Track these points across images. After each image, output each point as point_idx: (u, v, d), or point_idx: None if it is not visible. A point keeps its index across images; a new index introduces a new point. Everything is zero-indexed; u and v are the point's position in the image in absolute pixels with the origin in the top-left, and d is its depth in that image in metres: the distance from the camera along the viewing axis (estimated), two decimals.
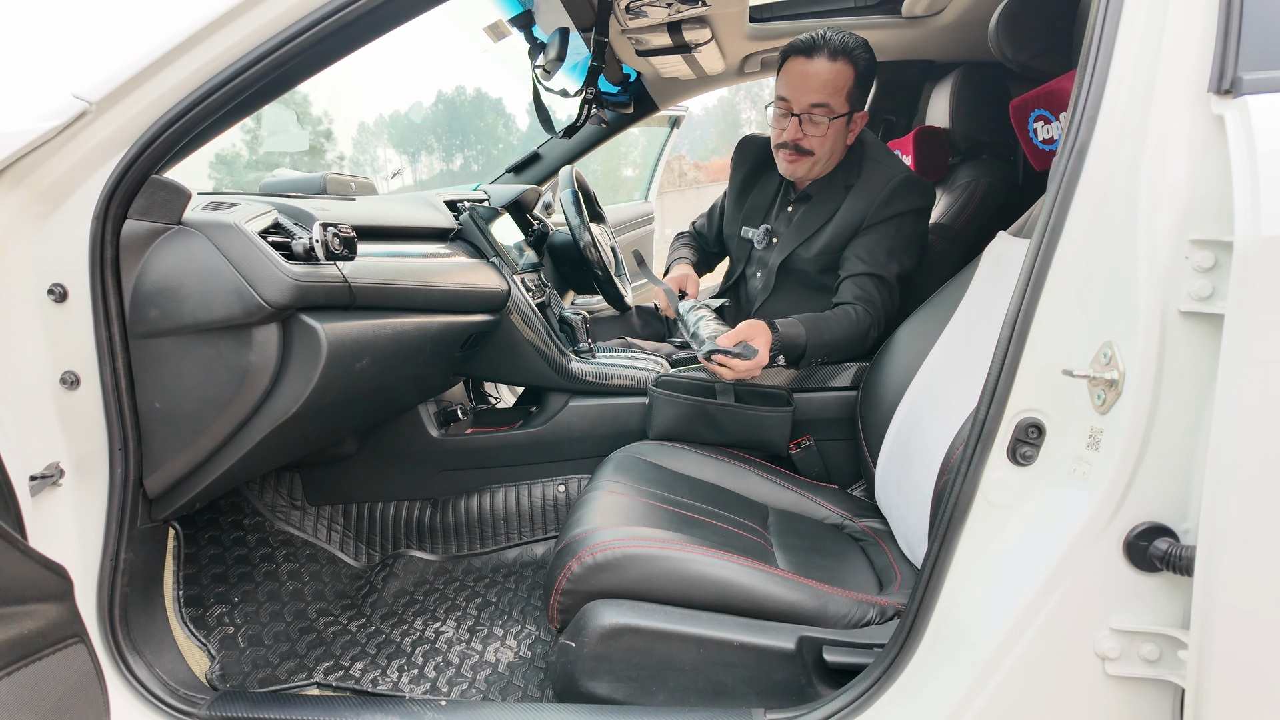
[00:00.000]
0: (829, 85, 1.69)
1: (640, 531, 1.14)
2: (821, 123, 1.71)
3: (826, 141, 1.75)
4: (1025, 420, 0.87)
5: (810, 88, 1.70)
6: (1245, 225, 0.70)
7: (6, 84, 1.00)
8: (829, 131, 1.73)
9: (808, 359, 1.65)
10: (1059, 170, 0.85)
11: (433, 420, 1.75)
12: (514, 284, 1.70)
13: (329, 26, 0.98)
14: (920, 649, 0.92)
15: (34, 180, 0.97)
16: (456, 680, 1.32)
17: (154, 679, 1.06)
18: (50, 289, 0.99)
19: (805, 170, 1.80)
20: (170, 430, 1.08)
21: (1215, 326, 0.75)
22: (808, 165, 1.78)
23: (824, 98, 1.70)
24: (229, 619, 1.38)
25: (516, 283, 1.71)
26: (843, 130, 1.76)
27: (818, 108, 1.71)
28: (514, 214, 2.17)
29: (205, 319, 1.05)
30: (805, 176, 1.82)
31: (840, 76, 1.69)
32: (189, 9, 0.96)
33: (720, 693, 1.02)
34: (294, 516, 1.70)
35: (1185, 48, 0.80)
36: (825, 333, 1.67)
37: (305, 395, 1.12)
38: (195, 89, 0.98)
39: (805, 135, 1.74)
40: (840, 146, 1.78)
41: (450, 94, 33.96)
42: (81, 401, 1.02)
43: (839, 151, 1.79)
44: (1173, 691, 0.83)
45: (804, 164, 1.78)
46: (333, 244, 1.12)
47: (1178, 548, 0.77)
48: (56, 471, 1.01)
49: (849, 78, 1.70)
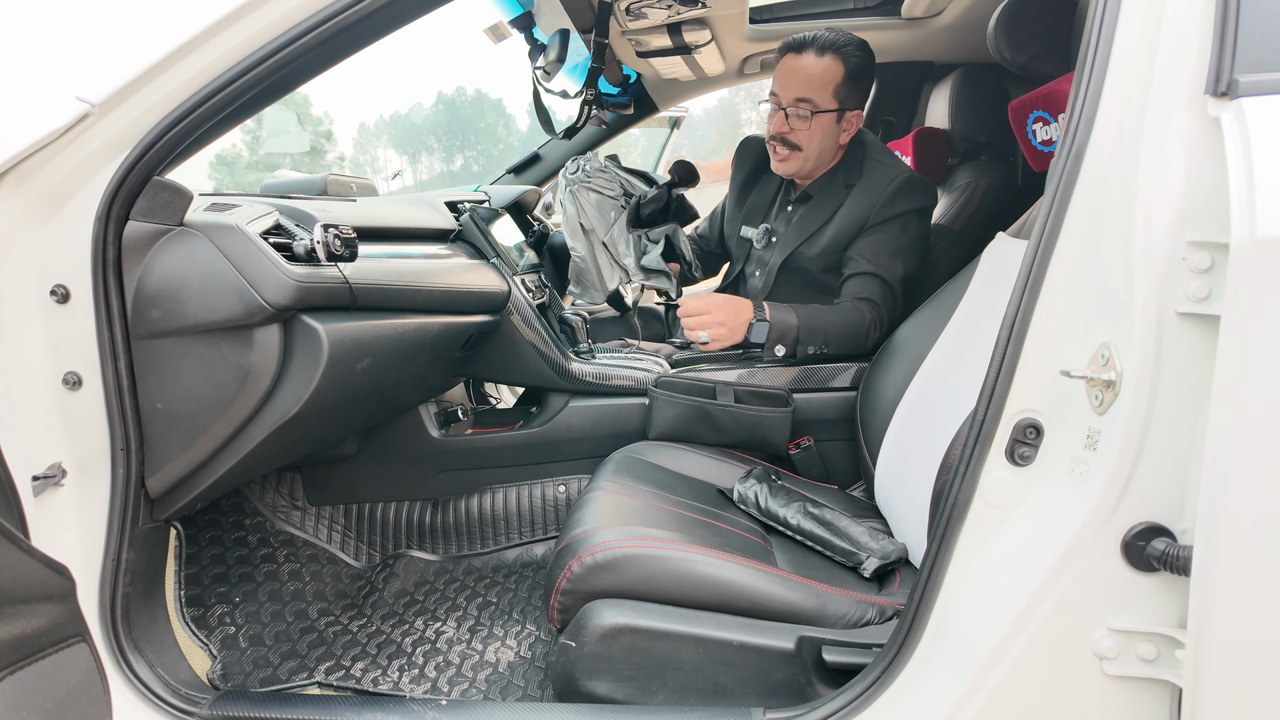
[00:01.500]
0: (813, 80, 1.72)
1: (640, 531, 1.15)
2: (806, 117, 1.73)
3: (814, 137, 1.76)
4: (1023, 421, 0.87)
5: (795, 82, 1.73)
6: (1241, 227, 0.71)
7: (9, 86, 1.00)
8: (814, 127, 1.75)
9: (802, 342, 1.67)
10: (1056, 172, 0.86)
11: (433, 420, 1.76)
12: (514, 285, 1.71)
13: (329, 30, 0.99)
14: (919, 649, 0.92)
15: (37, 182, 0.97)
16: (457, 680, 1.33)
17: (156, 678, 1.07)
18: (53, 290, 1.00)
19: (795, 167, 1.81)
20: (172, 430, 1.08)
21: (1212, 327, 0.75)
22: (797, 162, 1.80)
23: (808, 92, 1.72)
24: (230, 619, 1.38)
25: (517, 283, 1.72)
26: (831, 128, 1.77)
27: (802, 102, 1.73)
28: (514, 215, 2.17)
29: (207, 320, 1.05)
30: (797, 173, 1.83)
31: (827, 72, 1.71)
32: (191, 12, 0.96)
33: (720, 692, 1.03)
34: (295, 516, 1.70)
35: (1182, 50, 0.80)
36: (819, 318, 1.69)
37: (306, 396, 1.12)
38: (197, 91, 0.99)
39: (792, 129, 1.76)
40: (831, 145, 1.79)
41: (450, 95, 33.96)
42: (84, 402, 1.02)
43: (831, 150, 1.80)
44: (1170, 691, 0.83)
45: (793, 160, 1.80)
46: (334, 245, 1.12)
47: (1175, 548, 0.78)
48: (59, 471, 1.01)
49: (837, 74, 1.71)
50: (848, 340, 1.70)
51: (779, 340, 1.69)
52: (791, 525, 1.33)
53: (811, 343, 1.69)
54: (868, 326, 1.69)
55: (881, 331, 1.70)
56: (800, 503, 1.37)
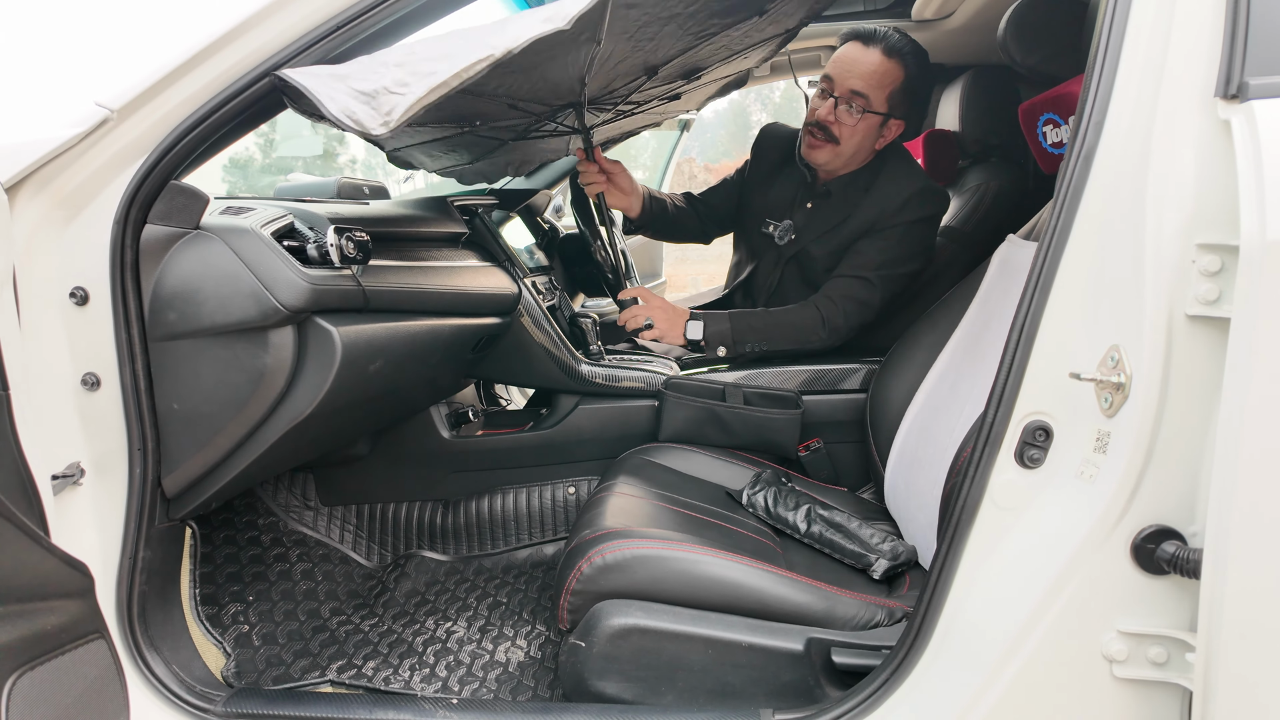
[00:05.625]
0: (874, 77, 1.70)
1: (650, 533, 1.15)
2: (856, 112, 1.71)
3: (855, 135, 1.74)
4: (1033, 423, 0.87)
5: (856, 74, 1.71)
6: (1250, 229, 0.71)
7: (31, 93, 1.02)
8: (860, 125, 1.73)
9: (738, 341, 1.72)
10: (1066, 174, 0.86)
11: (444, 422, 1.77)
12: (524, 287, 1.72)
13: (342, 37, 1.00)
14: (928, 651, 0.93)
15: (57, 187, 0.99)
16: (467, 679, 1.34)
17: (171, 675, 1.08)
18: (72, 292, 1.01)
19: (826, 159, 1.78)
20: (188, 431, 1.10)
21: (1222, 330, 0.75)
22: (829, 154, 1.77)
23: (866, 89, 1.70)
24: (244, 617, 1.39)
25: (527, 285, 1.73)
26: (874, 130, 1.75)
27: (857, 96, 1.71)
28: (524, 217, 2.18)
29: (222, 322, 1.06)
30: (823, 165, 1.81)
31: (889, 74, 1.70)
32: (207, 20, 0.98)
33: (729, 693, 1.03)
34: (307, 517, 1.72)
35: (1192, 52, 0.80)
36: (757, 319, 1.73)
37: (320, 397, 1.13)
38: (213, 97, 1.01)
39: (837, 120, 1.74)
40: (867, 147, 1.78)
41: None
42: (102, 402, 1.04)
43: (865, 152, 1.79)
44: (1180, 694, 0.83)
45: (825, 151, 1.77)
46: (347, 248, 1.13)
47: (1185, 550, 0.78)
48: (77, 471, 1.03)
49: (896, 78, 1.70)
50: (790, 337, 1.73)
51: (719, 342, 1.73)
52: (800, 531, 1.33)
53: (749, 340, 1.73)
54: (814, 324, 1.71)
55: (832, 332, 1.72)
56: (809, 505, 1.37)
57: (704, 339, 1.73)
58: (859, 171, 1.81)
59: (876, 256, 1.74)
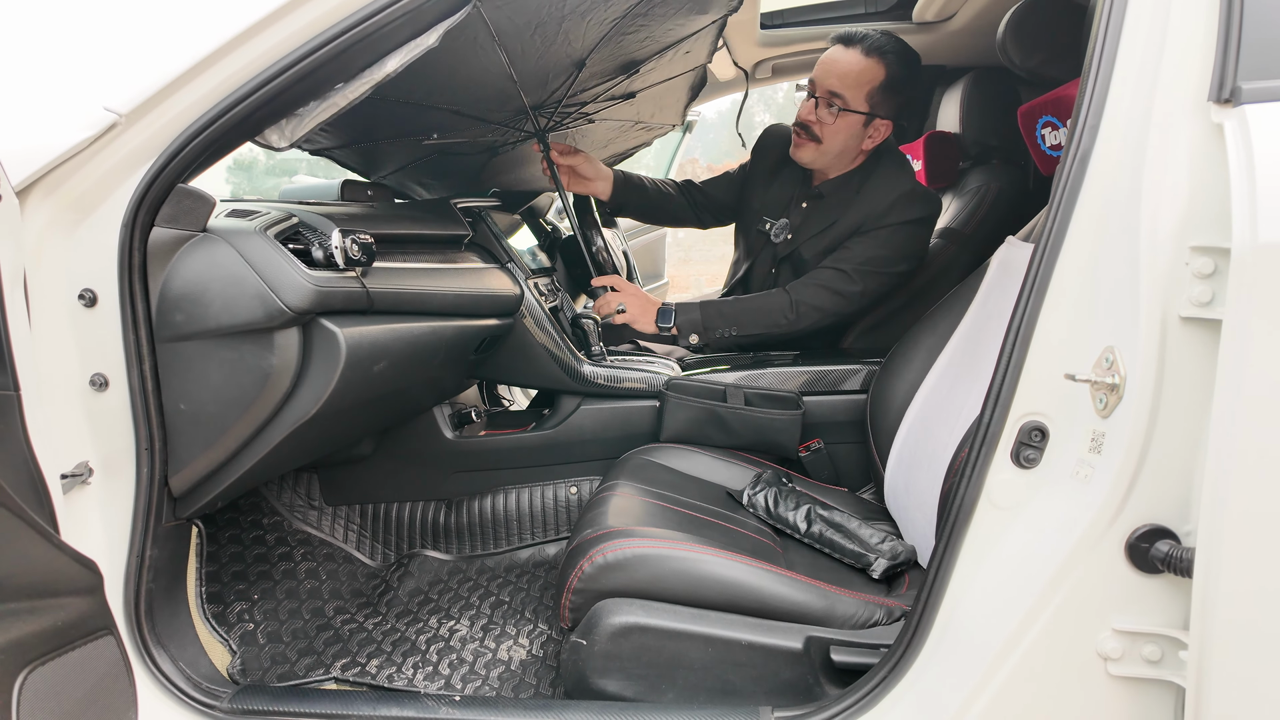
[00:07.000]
0: (850, 77, 1.72)
1: (651, 532, 1.16)
2: (834, 112, 1.73)
3: (837, 135, 1.76)
4: (1029, 424, 0.88)
5: (834, 74, 1.74)
6: (1243, 232, 0.72)
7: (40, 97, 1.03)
8: (839, 124, 1.75)
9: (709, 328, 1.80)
10: (1062, 177, 0.87)
11: (447, 422, 1.78)
12: (527, 288, 1.73)
13: (346, 41, 1.01)
14: (925, 648, 0.93)
15: (66, 190, 1.00)
16: (470, 677, 1.35)
17: (178, 672, 1.09)
18: (81, 294, 1.03)
19: (810, 157, 1.82)
20: (194, 431, 1.11)
21: (1215, 332, 0.76)
22: (812, 153, 1.81)
23: (842, 88, 1.73)
24: (249, 616, 1.41)
25: (529, 287, 1.74)
26: (856, 130, 1.77)
27: (834, 96, 1.73)
28: (527, 218, 2.19)
29: (229, 323, 1.08)
30: (810, 164, 1.84)
31: (866, 72, 1.71)
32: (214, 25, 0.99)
33: (729, 691, 1.04)
34: (311, 516, 1.73)
35: (1186, 57, 0.81)
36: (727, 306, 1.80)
37: (324, 397, 1.15)
38: (220, 102, 1.02)
39: (818, 120, 1.77)
40: (853, 148, 1.80)
41: None
42: (110, 403, 1.05)
43: (852, 153, 1.81)
44: (1174, 692, 0.83)
45: (808, 150, 1.81)
46: (352, 250, 1.15)
47: (1179, 549, 0.78)
48: (86, 470, 1.04)
49: (875, 77, 1.72)
50: (758, 321, 1.79)
51: (691, 329, 1.80)
52: (800, 531, 1.34)
53: (719, 326, 1.79)
54: (782, 308, 1.77)
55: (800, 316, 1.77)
56: (810, 505, 1.38)
57: (675, 326, 1.80)
58: (851, 173, 1.84)
59: (861, 254, 1.77)
